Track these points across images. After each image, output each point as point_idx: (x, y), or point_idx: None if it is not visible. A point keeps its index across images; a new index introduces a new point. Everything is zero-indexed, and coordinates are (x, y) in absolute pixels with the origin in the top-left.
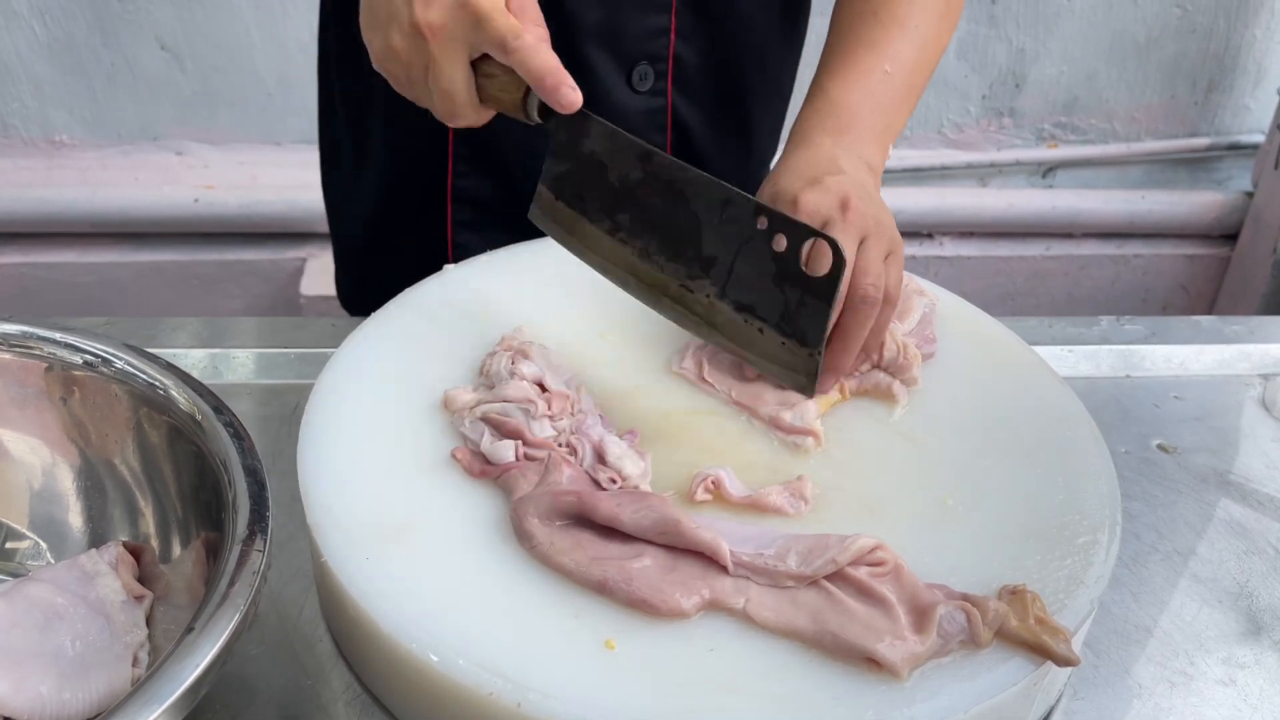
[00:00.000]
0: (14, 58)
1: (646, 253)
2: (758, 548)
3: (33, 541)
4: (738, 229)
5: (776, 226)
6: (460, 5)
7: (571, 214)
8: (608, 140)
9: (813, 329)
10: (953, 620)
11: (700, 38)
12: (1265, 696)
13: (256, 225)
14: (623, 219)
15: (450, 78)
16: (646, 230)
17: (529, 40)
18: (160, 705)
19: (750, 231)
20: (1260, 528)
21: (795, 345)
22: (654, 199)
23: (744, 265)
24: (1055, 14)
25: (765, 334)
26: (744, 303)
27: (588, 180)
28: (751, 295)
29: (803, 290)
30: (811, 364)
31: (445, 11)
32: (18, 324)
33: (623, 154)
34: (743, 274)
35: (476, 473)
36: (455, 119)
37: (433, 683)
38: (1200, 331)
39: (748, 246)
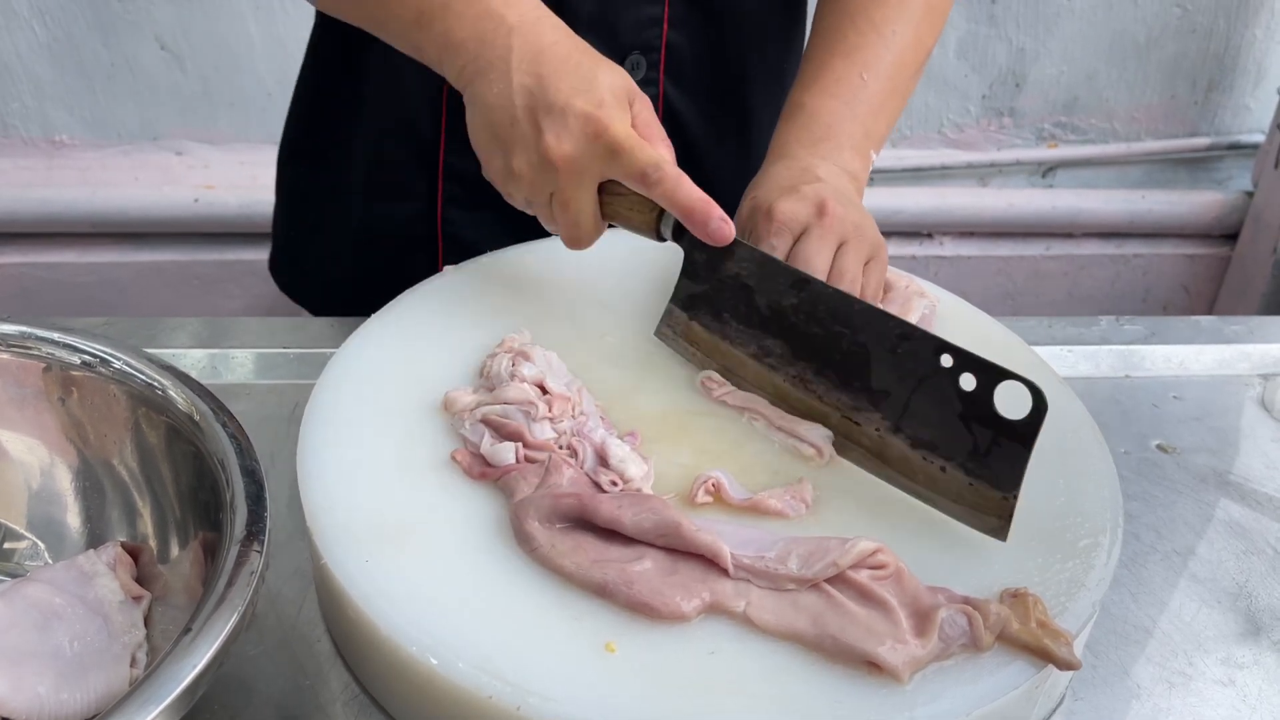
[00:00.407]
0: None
1: (802, 381)
2: (758, 551)
3: (31, 542)
4: (914, 364)
5: (964, 365)
6: (594, 137)
7: (709, 337)
8: (756, 265)
9: (1008, 472)
10: (954, 623)
11: (694, 27)
12: (1264, 697)
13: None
14: (772, 345)
15: (579, 208)
16: (802, 358)
17: (671, 173)
18: (158, 705)
19: (930, 368)
20: (1259, 528)
21: (985, 487)
22: (811, 326)
23: (922, 401)
24: (1055, 14)
25: (948, 473)
26: (923, 439)
27: (729, 303)
28: (933, 432)
29: (996, 432)
30: (1006, 507)
31: (578, 144)
32: (16, 324)
33: (774, 279)
34: (921, 410)
35: (476, 475)
36: (578, 244)
37: (432, 685)
38: (1200, 331)
39: (927, 382)
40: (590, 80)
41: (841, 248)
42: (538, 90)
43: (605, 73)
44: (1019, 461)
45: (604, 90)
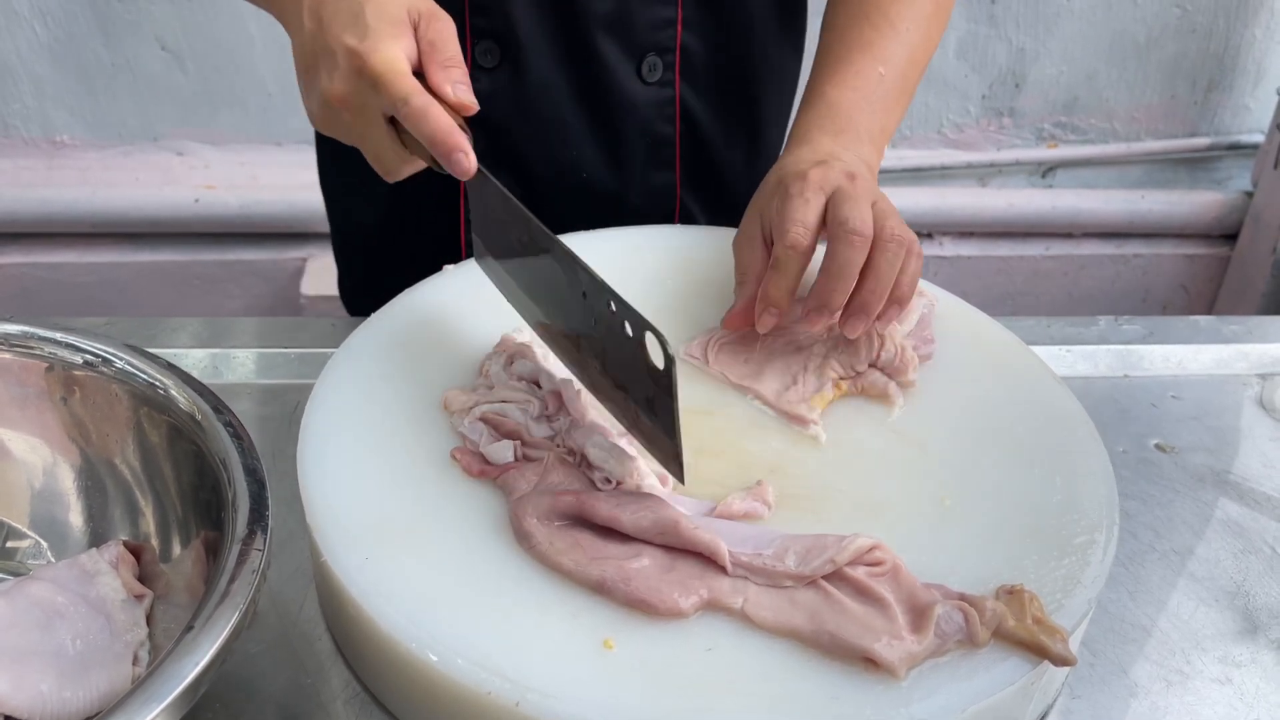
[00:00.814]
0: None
1: (549, 314)
2: (756, 548)
3: (33, 540)
4: (598, 308)
5: (622, 313)
6: (358, 73)
7: (496, 264)
8: (500, 201)
9: (668, 421)
10: (950, 620)
11: (706, 28)
12: (1261, 695)
13: (257, 225)
14: (526, 277)
15: (376, 142)
16: (543, 293)
17: (417, 104)
18: (160, 703)
19: (605, 312)
20: (1257, 527)
21: (659, 432)
22: (542, 264)
23: (612, 343)
24: (1055, 14)
25: (641, 417)
26: (620, 381)
27: (498, 234)
28: (624, 375)
29: (653, 380)
30: (675, 450)
31: (346, 80)
32: (18, 324)
33: (512, 217)
34: (612, 351)
35: (476, 473)
36: (390, 175)
37: (432, 682)
38: (1198, 331)
39: (609, 327)
40: (358, 12)
41: (875, 204)
42: (318, 32)
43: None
44: (669, 411)
45: (370, 19)
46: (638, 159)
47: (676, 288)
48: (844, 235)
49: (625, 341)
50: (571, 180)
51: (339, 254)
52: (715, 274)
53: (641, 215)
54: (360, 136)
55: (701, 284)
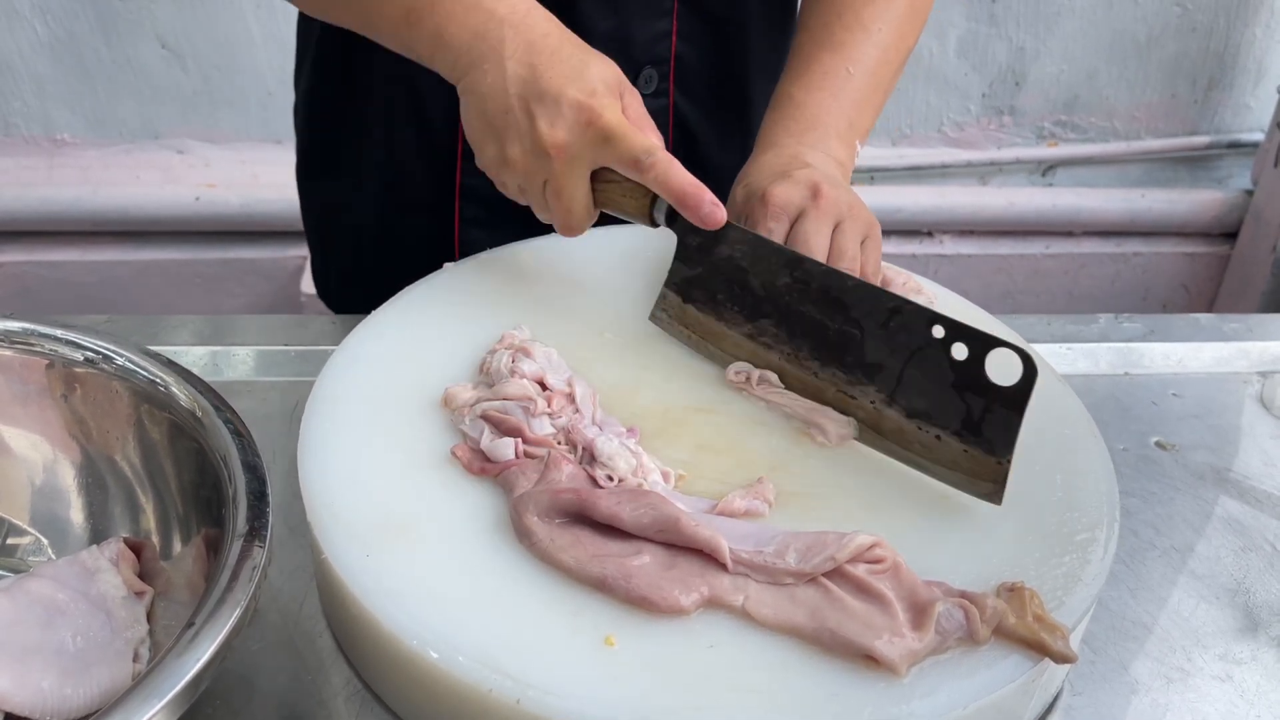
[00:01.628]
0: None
1: (797, 358)
2: (757, 545)
3: (34, 537)
4: (907, 336)
5: (955, 335)
6: (587, 124)
7: (703, 318)
8: (749, 247)
9: (1001, 437)
10: (951, 617)
11: (700, 38)
12: (1262, 692)
13: (257, 224)
14: (766, 324)
15: (572, 195)
16: (796, 335)
17: (663, 158)
18: (160, 700)
19: (923, 339)
20: (1258, 525)
21: (980, 453)
22: (804, 304)
23: (915, 372)
24: (1055, 12)
25: (944, 441)
26: (917, 409)
27: (723, 284)
28: (926, 402)
29: (989, 399)
30: (1000, 472)
31: (572, 131)
32: (19, 321)
33: (767, 260)
34: (914, 381)
35: (476, 470)
36: (571, 230)
37: (432, 679)
38: (1199, 329)
39: (920, 354)
40: (581, 70)
41: (838, 227)
42: (531, 79)
43: (596, 63)
44: (1011, 427)
45: (595, 80)
46: None
47: None
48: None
49: (944, 365)
50: None
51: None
52: None
53: None
54: (559, 188)
55: None
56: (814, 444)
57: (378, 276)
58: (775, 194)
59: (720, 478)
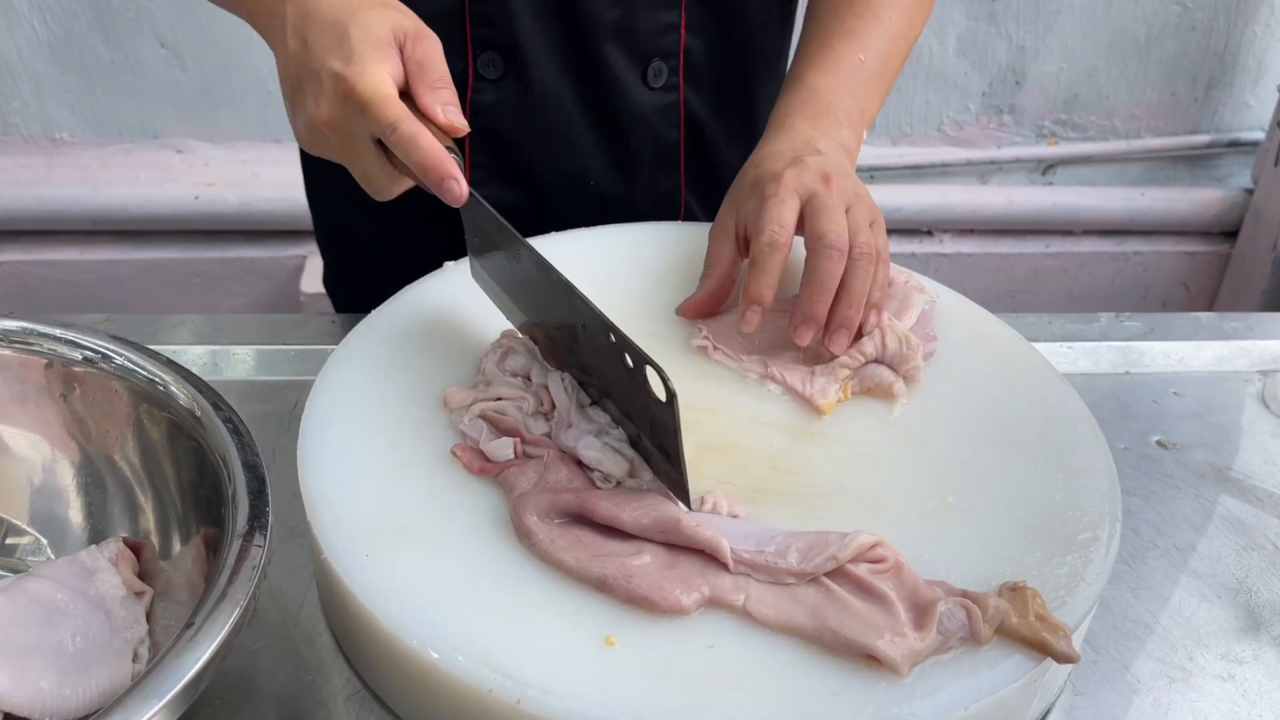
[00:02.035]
0: (14, 55)
1: (549, 336)
2: (758, 545)
3: (33, 537)
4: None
5: (622, 345)
6: (345, 97)
7: (495, 286)
8: (494, 225)
9: (672, 446)
10: (953, 617)
11: (707, 30)
12: (1264, 692)
13: (257, 223)
14: (525, 300)
15: (362, 164)
16: (543, 315)
17: (406, 131)
18: (160, 700)
19: (605, 344)
20: (1259, 524)
21: (663, 460)
22: (541, 290)
23: (614, 371)
24: (1055, 11)
25: (642, 440)
26: (626, 409)
27: (494, 257)
28: (628, 403)
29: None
30: (680, 480)
31: (333, 105)
32: (18, 320)
33: (506, 242)
34: (616, 380)
35: (476, 470)
36: (380, 195)
37: (433, 679)
38: (1199, 328)
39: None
40: (342, 36)
41: (848, 210)
42: (302, 55)
43: (361, 21)
44: (670, 440)
45: (355, 43)
46: (644, 164)
47: (679, 285)
48: (822, 250)
49: (626, 373)
50: (579, 188)
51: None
52: None
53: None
54: (348, 159)
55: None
56: (815, 443)
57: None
58: (788, 176)
59: (719, 477)
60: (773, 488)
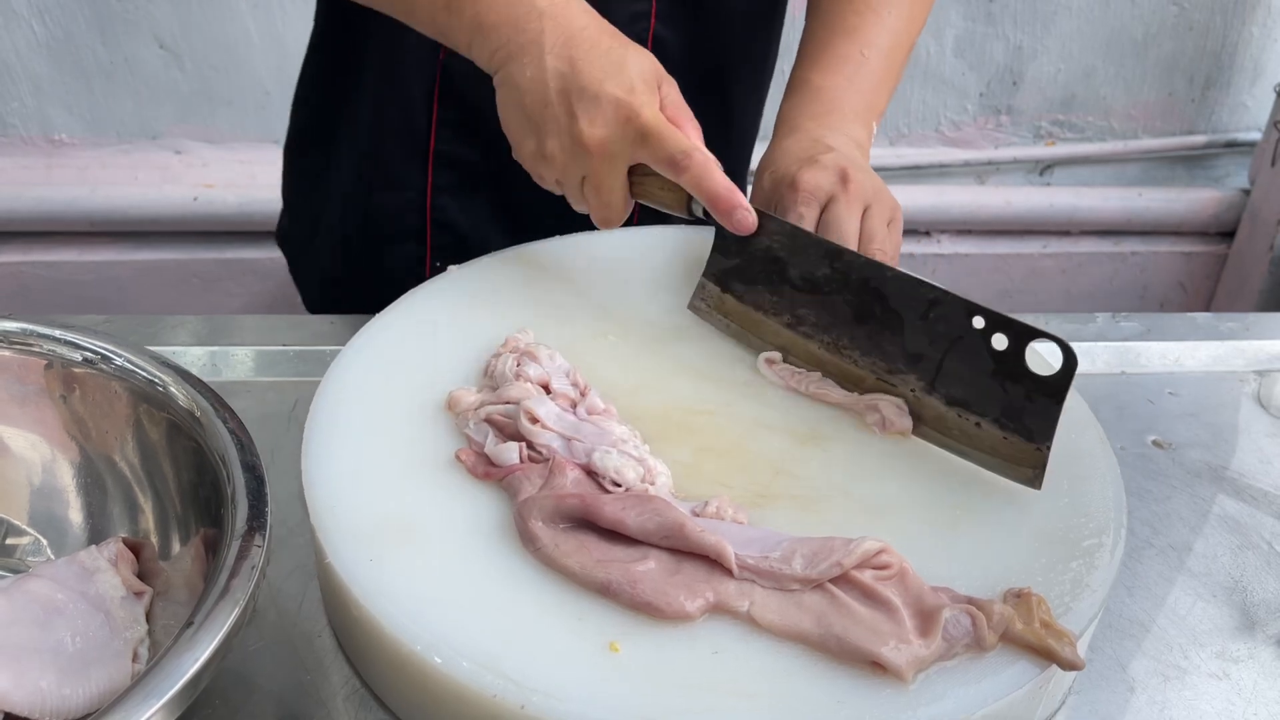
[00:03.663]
0: (13, 56)
1: (837, 347)
2: (762, 551)
3: (33, 538)
4: (946, 326)
5: (994, 326)
6: (626, 121)
7: (741, 308)
8: (787, 237)
9: (1041, 425)
10: (958, 624)
11: (679, 22)
12: (1259, 690)
13: (256, 224)
14: (805, 313)
15: (611, 190)
16: (837, 325)
17: (699, 160)
18: (159, 699)
19: (963, 329)
20: (1255, 523)
21: (1020, 440)
22: (844, 294)
23: (955, 361)
24: (1053, 11)
25: (984, 429)
26: (957, 398)
27: (761, 274)
28: (966, 391)
29: (1028, 388)
30: (1040, 458)
31: (611, 128)
32: (17, 321)
33: (806, 251)
34: (954, 370)
35: (480, 474)
36: (609, 224)
37: (436, 684)
38: (1196, 328)
39: (960, 344)
40: (620, 65)
41: (866, 212)
42: (570, 74)
43: (635, 57)
44: (1051, 415)
45: (634, 75)
46: None
47: (683, 289)
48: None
49: (984, 354)
50: None
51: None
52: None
53: None
54: (598, 184)
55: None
56: (819, 448)
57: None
58: (804, 180)
59: (722, 481)
60: (776, 492)
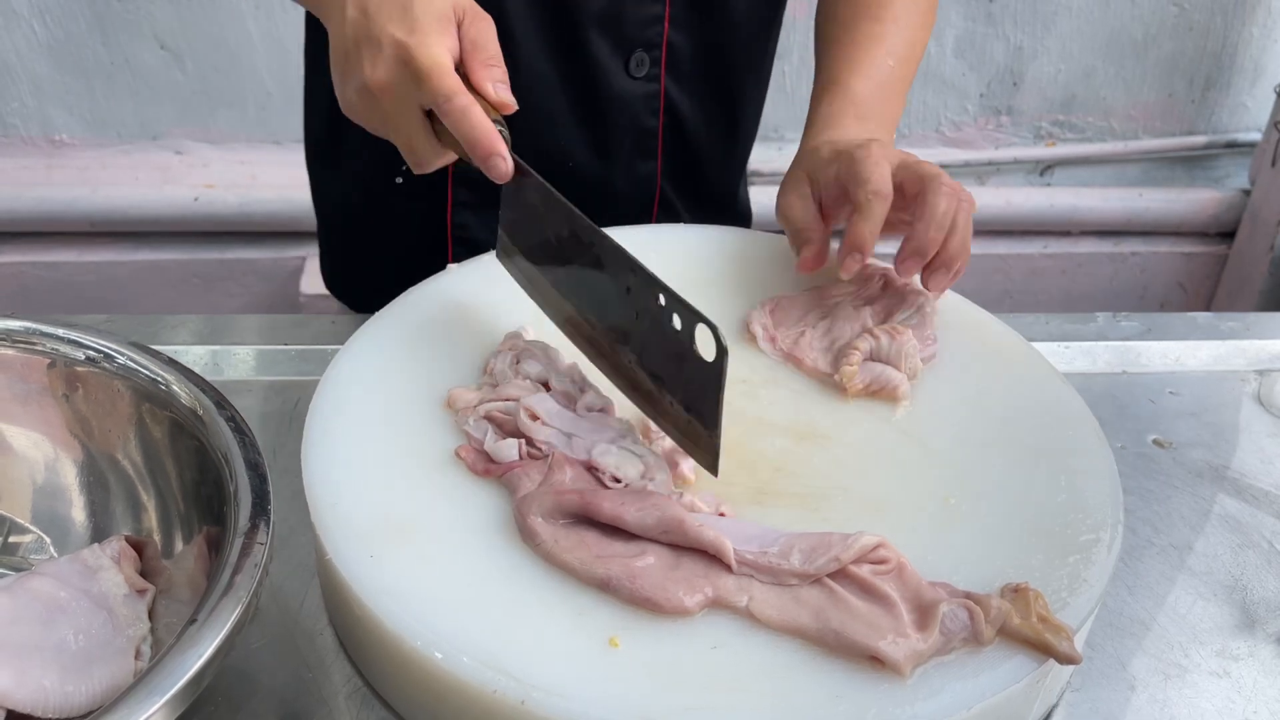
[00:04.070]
0: (14, 57)
1: (581, 310)
2: (761, 546)
3: (36, 536)
4: (643, 302)
5: (672, 306)
6: (402, 63)
7: (525, 262)
8: (541, 196)
9: (709, 412)
10: (955, 618)
11: (692, 25)
12: (1259, 688)
13: (256, 224)
14: (559, 273)
15: (406, 131)
16: (578, 289)
17: (459, 104)
18: (162, 697)
19: (655, 306)
20: (1255, 522)
21: (698, 424)
22: (582, 259)
23: (654, 337)
24: (1053, 12)
25: (674, 408)
26: (656, 373)
27: (533, 231)
28: (662, 368)
29: (701, 372)
30: (712, 444)
31: (390, 70)
32: (21, 320)
33: (554, 212)
34: (653, 345)
35: (480, 471)
36: (419, 167)
37: (437, 680)
38: (1196, 328)
39: (654, 320)
40: (405, 7)
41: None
42: (362, 21)
43: None
44: (713, 402)
45: (419, 14)
46: (623, 149)
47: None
48: (937, 187)
49: (670, 335)
50: (558, 168)
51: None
52: (717, 273)
53: (624, 201)
54: (395, 127)
55: (703, 284)
56: (818, 445)
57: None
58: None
59: (722, 478)
60: (776, 489)
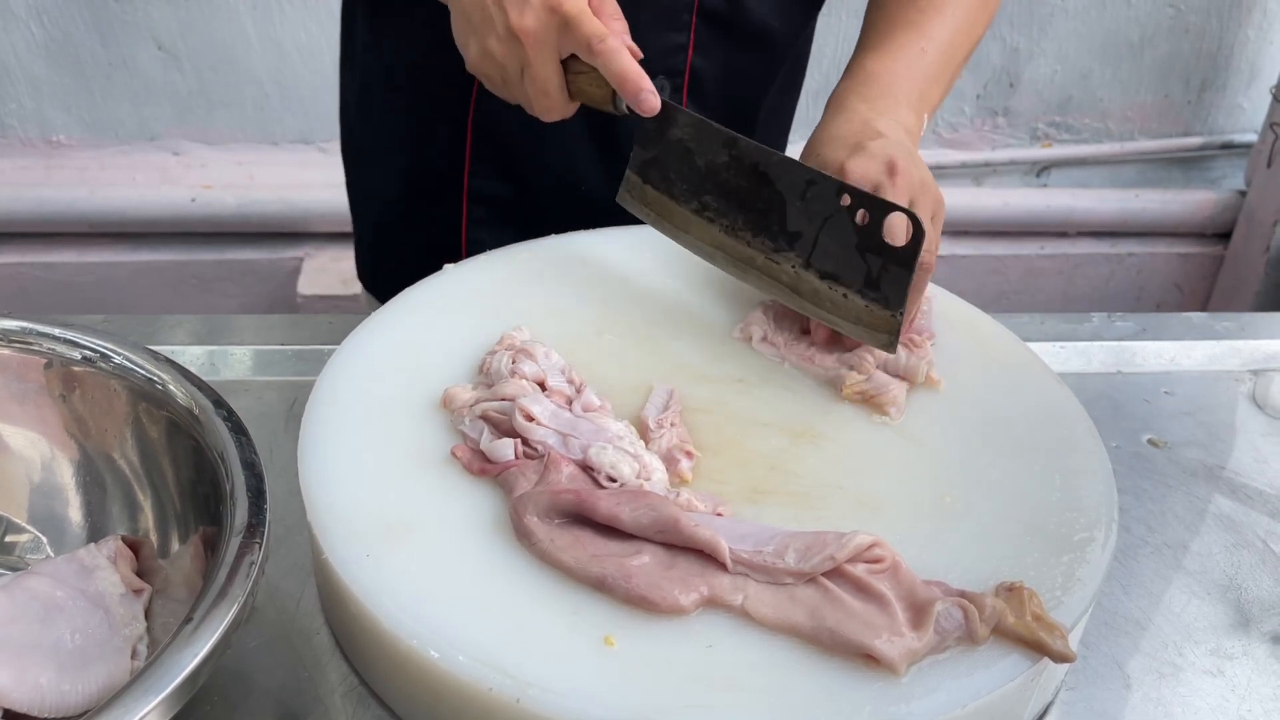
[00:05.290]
0: (11, 58)
1: (733, 229)
2: (756, 545)
3: (32, 535)
4: (821, 205)
5: (859, 203)
6: (550, 10)
7: (659, 196)
8: (694, 129)
9: (895, 293)
10: (950, 617)
11: (717, 52)
12: (1253, 687)
13: (254, 225)
14: (709, 200)
15: (545, 78)
16: (732, 209)
17: (612, 44)
18: (157, 696)
19: (833, 208)
20: (1249, 521)
21: (878, 308)
22: (739, 180)
23: (827, 238)
24: (1049, 13)
25: (849, 299)
26: (828, 271)
27: (674, 165)
28: (836, 265)
29: (885, 259)
30: (894, 324)
31: (538, 16)
32: (17, 320)
33: (709, 141)
34: (826, 246)
35: (476, 470)
36: (549, 114)
37: (433, 678)
38: (1191, 328)
39: (831, 221)
40: None
41: (912, 204)
42: None
43: None
44: (902, 282)
45: None
46: None
47: (678, 288)
48: None
49: (850, 231)
50: (572, 191)
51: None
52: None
53: None
54: (532, 75)
55: (702, 285)
56: (813, 444)
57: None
58: (853, 167)
59: (718, 477)
60: (771, 488)
